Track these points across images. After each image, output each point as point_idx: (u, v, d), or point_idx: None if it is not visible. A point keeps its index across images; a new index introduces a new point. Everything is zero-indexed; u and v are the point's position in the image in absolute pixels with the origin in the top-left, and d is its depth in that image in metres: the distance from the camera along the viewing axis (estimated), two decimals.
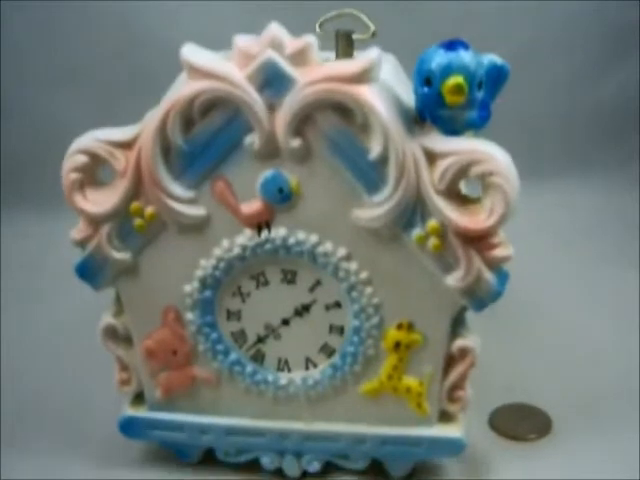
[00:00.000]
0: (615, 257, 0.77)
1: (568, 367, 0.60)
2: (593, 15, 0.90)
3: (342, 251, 0.43)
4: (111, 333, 0.47)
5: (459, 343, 0.45)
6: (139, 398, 0.49)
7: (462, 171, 0.40)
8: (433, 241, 0.41)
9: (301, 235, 0.43)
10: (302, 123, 0.40)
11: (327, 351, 0.46)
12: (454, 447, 0.47)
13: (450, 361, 0.46)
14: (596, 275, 0.74)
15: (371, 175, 0.41)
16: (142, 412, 0.49)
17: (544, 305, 0.69)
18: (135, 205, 0.42)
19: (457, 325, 0.45)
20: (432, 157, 0.40)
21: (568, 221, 0.84)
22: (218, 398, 0.48)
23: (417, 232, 0.41)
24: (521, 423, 0.54)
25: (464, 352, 0.45)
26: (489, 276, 0.42)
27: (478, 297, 0.43)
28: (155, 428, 0.49)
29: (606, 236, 0.81)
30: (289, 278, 0.44)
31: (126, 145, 0.41)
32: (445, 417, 0.47)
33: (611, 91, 0.92)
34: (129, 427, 0.49)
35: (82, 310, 0.55)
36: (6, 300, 0.71)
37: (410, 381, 0.46)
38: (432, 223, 0.41)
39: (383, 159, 0.40)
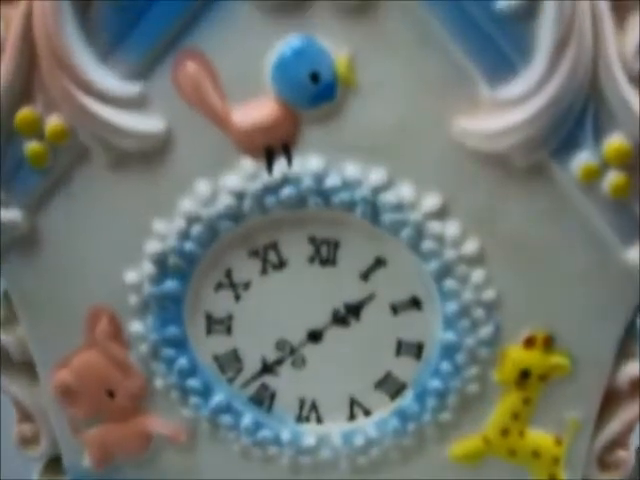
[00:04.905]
0: None
1: None
2: None
3: (432, 200, 0.30)
4: None
5: (631, 370, 0.33)
6: (56, 464, 0.39)
7: None
8: (614, 178, 0.28)
9: (352, 169, 0.29)
10: None
11: (391, 387, 0.35)
12: None
13: (610, 400, 0.34)
14: None
15: (500, 42, 0.27)
16: None
17: None
18: (26, 113, 0.30)
19: (626, 339, 0.33)
20: (623, 10, 0.26)
21: None
22: (193, 469, 0.38)
23: (584, 160, 0.28)
24: None
25: (637, 384, 0.33)
26: None
27: None
28: None
29: None
30: (324, 255, 0.32)
31: None
32: None
33: None
34: None
35: None
36: None
37: (540, 438, 0.34)
38: (616, 141, 0.27)
39: (527, 10, 0.26)
